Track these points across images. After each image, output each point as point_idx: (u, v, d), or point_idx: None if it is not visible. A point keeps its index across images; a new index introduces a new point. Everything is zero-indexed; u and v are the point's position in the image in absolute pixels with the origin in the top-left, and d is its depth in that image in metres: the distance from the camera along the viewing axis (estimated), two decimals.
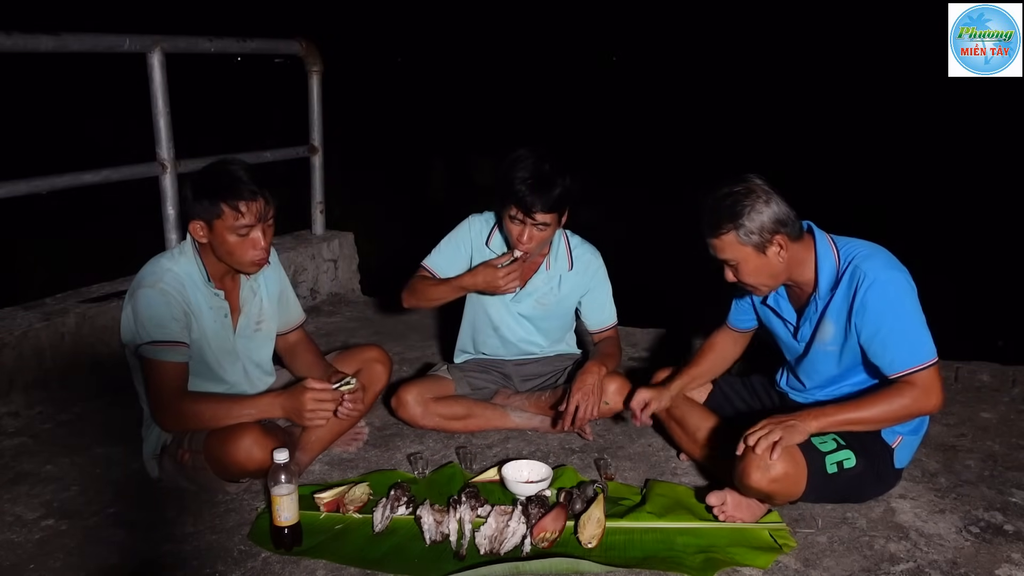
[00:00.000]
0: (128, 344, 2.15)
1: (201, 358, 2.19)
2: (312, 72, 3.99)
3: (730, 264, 2.07)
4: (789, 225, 2.01)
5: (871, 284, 1.98)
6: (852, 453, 2.03)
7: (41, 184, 3.01)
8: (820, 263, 2.06)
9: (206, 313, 2.17)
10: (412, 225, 7.30)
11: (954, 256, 6.41)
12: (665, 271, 5.85)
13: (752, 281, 2.08)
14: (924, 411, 2.02)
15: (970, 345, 3.39)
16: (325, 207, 4.25)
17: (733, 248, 2.02)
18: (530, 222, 2.39)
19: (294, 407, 2.10)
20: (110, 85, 12.31)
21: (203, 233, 2.09)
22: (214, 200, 2.04)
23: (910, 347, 1.97)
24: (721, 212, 2.01)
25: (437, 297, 2.60)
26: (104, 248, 5.84)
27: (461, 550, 1.93)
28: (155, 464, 2.23)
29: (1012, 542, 1.99)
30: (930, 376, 1.96)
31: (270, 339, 2.39)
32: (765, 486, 1.94)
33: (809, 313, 2.13)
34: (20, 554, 1.95)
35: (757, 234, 1.99)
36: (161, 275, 2.11)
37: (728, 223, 1.99)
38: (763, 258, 2.02)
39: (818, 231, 2.10)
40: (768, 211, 1.98)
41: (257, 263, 2.14)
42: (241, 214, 2.04)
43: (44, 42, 2.80)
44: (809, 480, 1.97)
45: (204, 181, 2.09)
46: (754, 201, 1.98)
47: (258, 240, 2.10)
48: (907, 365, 1.97)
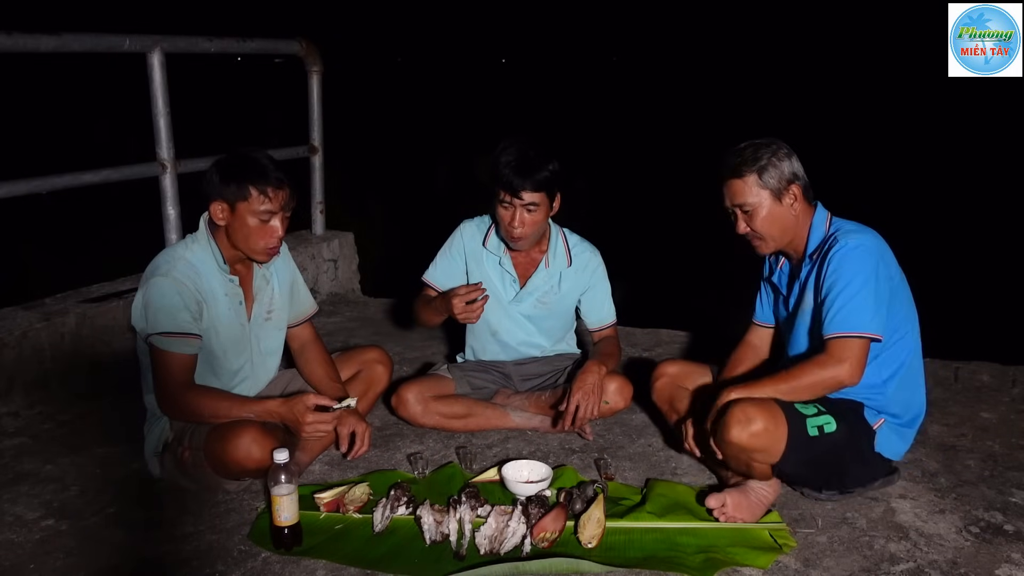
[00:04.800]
0: (139, 331, 2.16)
1: (209, 346, 2.20)
2: (312, 72, 3.99)
3: (745, 209, 2.14)
4: (803, 180, 2.13)
5: (839, 249, 2.05)
6: (833, 418, 2.05)
7: (41, 184, 3.01)
8: (812, 231, 2.15)
9: (221, 300, 2.20)
10: (412, 225, 7.31)
11: (954, 256, 6.41)
12: (663, 271, 5.86)
13: (763, 229, 2.15)
14: (836, 381, 2.00)
15: (970, 345, 3.39)
16: (325, 207, 4.25)
17: (752, 191, 2.11)
18: (518, 203, 2.43)
19: (293, 420, 2.14)
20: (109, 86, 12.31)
21: (223, 215, 2.12)
22: (242, 182, 2.09)
23: (846, 313, 2.00)
24: (744, 156, 2.12)
25: (430, 321, 2.65)
26: (104, 248, 5.84)
27: (461, 550, 1.92)
28: (156, 462, 2.24)
29: (1012, 542, 1.99)
30: (850, 346, 1.98)
31: (280, 329, 2.41)
32: (745, 440, 1.95)
33: (797, 282, 2.21)
34: (20, 554, 1.95)
35: (776, 180, 2.10)
36: (174, 264, 2.13)
37: (750, 165, 2.10)
38: (778, 206, 2.12)
39: (820, 206, 2.19)
40: (787, 162, 2.11)
41: (269, 252, 2.18)
42: (268, 199, 2.10)
43: (44, 42, 2.80)
44: (789, 440, 1.98)
45: (233, 164, 2.13)
46: (776, 150, 2.11)
47: (276, 228, 2.14)
48: (835, 329, 2.00)
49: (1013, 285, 5.80)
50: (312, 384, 2.42)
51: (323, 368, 2.45)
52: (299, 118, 4.13)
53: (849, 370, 1.98)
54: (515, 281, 2.68)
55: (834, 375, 1.99)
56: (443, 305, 2.48)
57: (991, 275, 6.19)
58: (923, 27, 11.10)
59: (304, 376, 2.47)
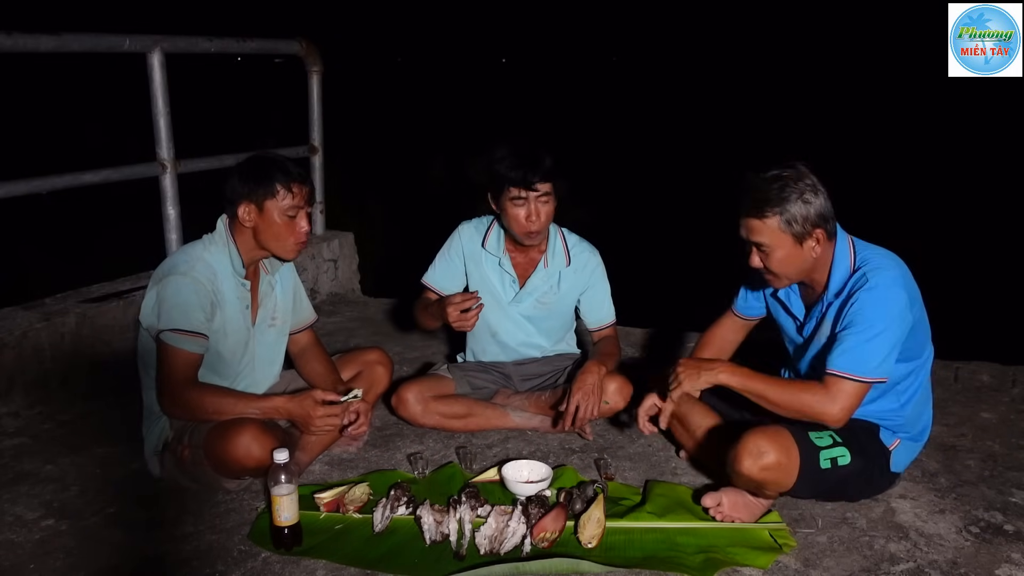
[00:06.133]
0: (148, 327, 2.17)
1: (215, 348, 2.21)
2: (312, 72, 3.99)
3: (762, 248, 2.00)
4: (830, 222, 1.97)
5: (868, 289, 1.94)
6: (848, 451, 2.02)
7: (41, 184, 3.01)
8: (835, 265, 2.02)
9: (232, 303, 2.22)
10: (412, 225, 7.31)
11: (954, 256, 6.41)
12: (663, 271, 5.86)
13: (778, 270, 2.03)
14: (823, 416, 1.94)
15: (970, 345, 3.39)
16: (325, 207, 4.25)
17: (772, 233, 1.96)
18: (533, 195, 2.45)
19: (301, 415, 2.15)
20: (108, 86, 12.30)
21: (251, 217, 2.16)
22: (269, 181, 2.14)
23: (855, 355, 1.92)
24: (769, 194, 1.94)
25: (428, 325, 2.67)
26: (104, 248, 5.84)
27: (461, 550, 1.92)
28: (156, 461, 2.24)
29: (1012, 542, 1.99)
30: (847, 389, 1.92)
31: (283, 336, 2.43)
32: (756, 474, 1.94)
33: (815, 312, 2.12)
34: (20, 554, 1.95)
35: (800, 224, 1.94)
36: (194, 264, 2.16)
37: (775, 206, 1.93)
38: (798, 249, 1.98)
39: (841, 232, 2.05)
40: (816, 202, 1.94)
41: (298, 248, 2.23)
42: (293, 194, 2.15)
43: (44, 42, 2.80)
44: (801, 472, 1.97)
45: (255, 165, 2.19)
46: (804, 189, 1.93)
47: (302, 225, 2.20)
48: (838, 367, 1.93)
49: (1013, 285, 5.80)
50: (312, 383, 2.42)
51: (323, 366, 2.46)
52: (299, 118, 4.13)
53: (839, 412, 1.93)
54: (515, 281, 2.68)
55: (822, 411, 1.94)
56: (439, 312, 2.49)
57: (991, 275, 6.18)
58: (923, 27, 11.12)
59: (304, 375, 2.48)
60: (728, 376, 2.02)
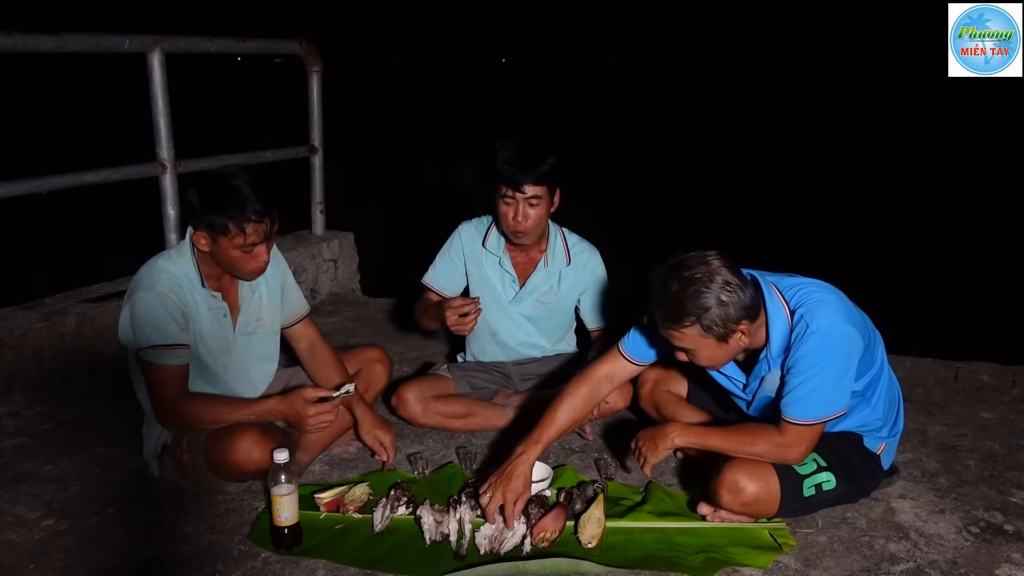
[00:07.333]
0: (126, 345, 2.15)
1: (198, 357, 2.19)
2: (312, 72, 3.99)
3: (686, 351, 1.95)
4: (751, 308, 1.88)
5: (811, 334, 1.89)
6: (833, 475, 2.03)
7: (41, 184, 3.00)
8: (771, 326, 1.95)
9: (204, 315, 2.18)
10: (412, 225, 7.30)
11: (954, 256, 6.41)
12: None
13: (708, 364, 1.99)
14: (785, 459, 1.97)
15: (970, 345, 3.39)
16: (325, 207, 4.25)
17: (693, 339, 1.88)
18: (520, 197, 2.45)
19: (294, 415, 2.12)
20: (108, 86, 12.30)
21: (206, 243, 2.09)
22: (221, 218, 2.03)
23: (808, 403, 1.91)
24: (684, 302, 1.83)
25: (428, 327, 2.70)
26: (104, 248, 5.84)
27: (461, 550, 1.93)
28: (156, 463, 2.23)
29: (1012, 542, 1.99)
30: (805, 432, 1.92)
31: (273, 333, 2.38)
32: (737, 508, 1.98)
33: (759, 371, 2.05)
34: (20, 554, 1.95)
35: (721, 326, 1.85)
36: (158, 277, 2.11)
37: (691, 315, 1.84)
38: (724, 345, 1.90)
39: (764, 286, 1.96)
40: (733, 299, 1.83)
41: (256, 273, 2.17)
42: (247, 234, 2.05)
43: (44, 42, 2.80)
44: (783, 502, 1.98)
45: (211, 196, 2.05)
46: (718, 290, 1.82)
47: (261, 254, 2.11)
48: (792, 415, 1.92)
49: (1013, 285, 5.79)
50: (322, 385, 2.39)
51: (333, 370, 2.42)
52: (299, 118, 4.13)
53: (800, 454, 1.96)
54: (515, 281, 2.68)
55: (783, 456, 1.96)
56: (438, 314, 2.49)
57: (991, 275, 6.18)
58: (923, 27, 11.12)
59: (314, 379, 2.44)
60: (683, 439, 2.04)
